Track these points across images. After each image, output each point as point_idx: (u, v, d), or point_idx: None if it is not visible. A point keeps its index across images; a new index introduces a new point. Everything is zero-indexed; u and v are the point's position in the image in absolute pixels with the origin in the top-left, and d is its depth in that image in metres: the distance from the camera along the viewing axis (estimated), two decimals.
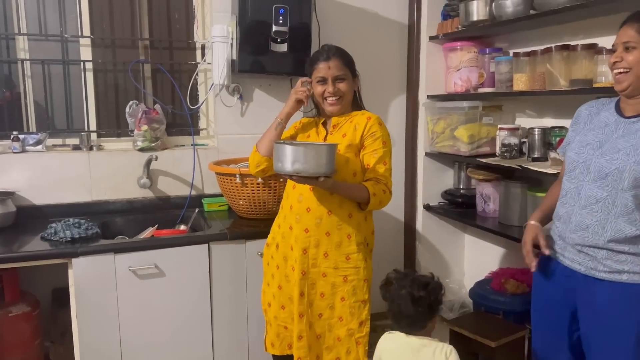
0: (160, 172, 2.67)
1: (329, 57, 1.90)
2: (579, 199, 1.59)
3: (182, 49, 2.81)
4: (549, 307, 1.72)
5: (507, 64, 2.62)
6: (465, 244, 3.31)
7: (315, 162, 1.69)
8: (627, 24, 1.51)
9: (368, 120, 1.92)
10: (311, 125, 2.04)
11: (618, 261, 1.50)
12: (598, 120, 1.63)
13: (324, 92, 1.91)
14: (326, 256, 1.89)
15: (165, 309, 2.17)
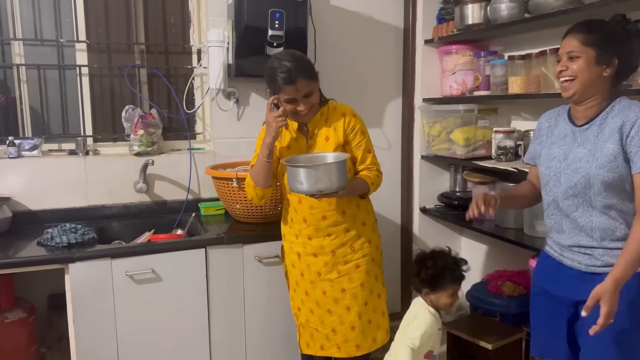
0: (156, 177, 2.66)
1: (294, 80, 1.82)
2: (560, 209, 1.67)
3: (178, 54, 2.81)
4: (543, 303, 1.76)
5: (502, 67, 2.64)
6: (461, 247, 3.32)
7: (337, 177, 1.76)
8: (571, 34, 1.59)
9: (344, 118, 1.97)
10: (286, 134, 2.01)
11: (614, 256, 1.56)
12: (558, 132, 1.71)
13: (294, 109, 1.88)
14: (353, 249, 1.98)
15: (162, 314, 2.17)
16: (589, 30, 1.56)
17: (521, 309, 2.48)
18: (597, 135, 1.58)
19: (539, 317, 1.81)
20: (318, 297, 2.00)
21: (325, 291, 2.00)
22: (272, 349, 2.38)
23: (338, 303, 1.99)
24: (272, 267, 2.32)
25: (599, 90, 1.58)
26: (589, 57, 1.55)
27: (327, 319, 2.01)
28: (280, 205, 2.41)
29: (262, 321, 2.34)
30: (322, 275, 1.99)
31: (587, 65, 1.55)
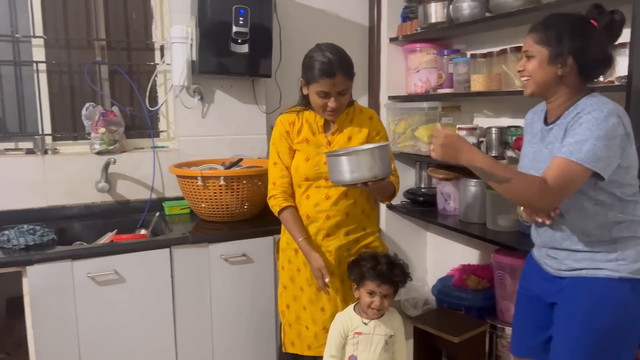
0: (119, 176, 2.60)
1: (334, 74, 1.76)
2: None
3: (140, 50, 2.76)
4: (526, 303, 1.77)
5: (464, 65, 2.69)
6: (427, 242, 3.37)
7: (380, 164, 1.70)
8: (529, 32, 1.57)
9: (371, 121, 1.97)
10: (305, 129, 1.93)
11: (576, 260, 1.56)
12: (534, 130, 1.69)
13: (324, 105, 1.82)
14: (349, 252, 1.96)
15: (126, 316, 2.12)
16: (543, 28, 1.53)
17: (485, 302, 2.54)
18: (556, 135, 1.55)
19: (518, 315, 1.83)
20: (312, 295, 1.97)
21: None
22: (240, 349, 2.36)
23: (331, 302, 1.97)
24: (239, 267, 2.30)
25: (559, 88, 1.55)
26: (542, 57, 1.52)
27: (320, 317, 1.97)
28: (247, 203, 2.40)
29: (230, 321, 2.32)
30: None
31: (540, 65, 1.52)
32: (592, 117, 1.44)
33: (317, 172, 1.90)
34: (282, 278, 2.06)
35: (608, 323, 1.51)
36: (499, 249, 2.47)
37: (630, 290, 1.51)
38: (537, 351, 1.74)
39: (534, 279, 1.73)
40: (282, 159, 1.95)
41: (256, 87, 2.81)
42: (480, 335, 2.39)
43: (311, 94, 1.85)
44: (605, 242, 1.53)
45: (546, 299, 1.67)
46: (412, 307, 3.21)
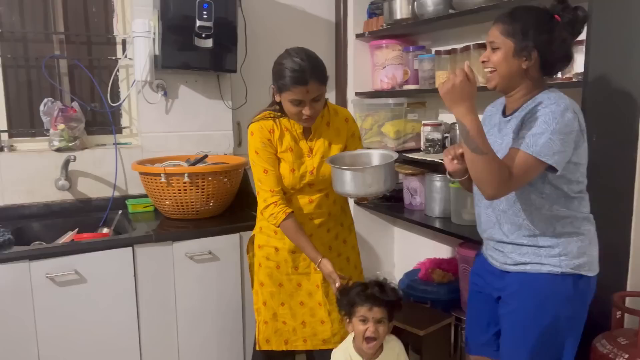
0: (80, 173, 2.54)
1: (307, 81, 1.70)
2: (481, 199, 1.67)
3: (101, 44, 2.69)
4: (476, 299, 1.81)
5: (429, 62, 2.71)
6: (395, 237, 3.40)
7: (384, 179, 1.72)
8: (494, 24, 1.55)
9: (347, 123, 1.96)
10: (287, 136, 1.89)
11: (521, 254, 1.59)
12: (492, 122, 1.71)
13: (299, 113, 1.77)
14: (330, 249, 1.97)
15: (87, 317, 2.07)
16: (510, 20, 1.51)
17: (450, 295, 2.58)
18: (512, 126, 1.58)
19: (470, 313, 1.86)
20: (293, 290, 1.97)
21: (301, 284, 1.97)
22: (206, 348, 2.33)
23: (312, 297, 1.97)
24: (205, 264, 2.27)
25: (522, 82, 1.55)
26: (508, 49, 1.51)
27: (299, 311, 1.97)
28: (212, 200, 2.37)
29: (195, 320, 2.29)
30: (300, 270, 1.96)
31: (505, 58, 1.51)
32: (550, 110, 1.46)
33: (301, 181, 1.89)
34: (258, 275, 2.04)
35: (551, 318, 1.55)
36: (463, 242, 2.51)
37: (572, 285, 1.55)
38: (489, 347, 1.77)
39: (482, 274, 1.76)
40: (275, 165, 1.87)
41: (221, 82, 2.78)
42: (445, 328, 2.43)
43: (284, 102, 1.79)
44: (549, 237, 1.56)
45: (493, 294, 1.70)
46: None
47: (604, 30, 1.82)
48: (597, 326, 1.97)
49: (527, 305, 1.57)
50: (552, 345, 1.58)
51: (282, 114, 1.88)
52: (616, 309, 1.92)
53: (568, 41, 1.53)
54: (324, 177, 1.90)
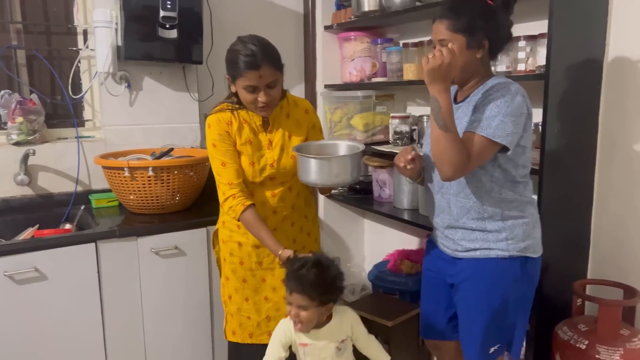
0: (40, 168, 2.46)
1: (259, 65, 1.68)
2: (433, 185, 1.73)
3: (61, 34, 2.60)
4: (430, 284, 1.86)
5: (397, 54, 2.72)
6: (365, 229, 3.42)
7: (351, 170, 1.71)
8: (439, 20, 1.57)
9: (307, 115, 1.94)
10: (245, 130, 1.85)
11: (470, 240, 1.65)
12: None
13: (254, 100, 1.75)
14: (295, 242, 1.96)
15: (49, 316, 2.02)
16: (455, 15, 1.54)
17: (418, 285, 2.55)
18: (464, 111, 1.62)
19: (424, 298, 1.90)
20: (257, 284, 1.95)
21: (265, 279, 1.95)
22: (173, 344, 2.30)
23: (276, 291, 1.95)
24: (171, 260, 2.24)
25: (476, 70, 1.61)
26: (460, 44, 1.54)
27: (263, 306, 1.96)
28: (179, 195, 2.33)
29: (162, 316, 2.26)
30: (264, 265, 1.94)
31: (460, 52, 1.54)
32: (501, 94, 1.52)
33: (262, 174, 1.87)
34: (224, 269, 2.03)
35: (501, 300, 1.63)
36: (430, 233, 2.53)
37: (519, 267, 1.63)
38: (446, 331, 1.84)
39: (434, 261, 1.81)
40: (233, 158, 1.83)
41: (187, 74, 2.73)
42: (413, 319, 2.45)
43: (239, 90, 1.77)
44: (497, 220, 1.62)
45: (447, 280, 1.76)
46: (350, 293, 3.25)
47: (566, 22, 1.85)
48: (559, 313, 2.03)
49: (479, 289, 1.64)
50: (504, 326, 1.66)
51: (240, 105, 1.85)
52: (577, 296, 1.97)
53: (508, 22, 1.61)
54: (285, 169, 1.88)
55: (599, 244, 2.10)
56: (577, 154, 2.00)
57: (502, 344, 1.68)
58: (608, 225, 2.07)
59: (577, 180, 2.04)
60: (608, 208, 2.06)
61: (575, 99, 1.95)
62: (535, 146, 2.08)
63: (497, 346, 1.67)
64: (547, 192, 1.90)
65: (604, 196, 2.06)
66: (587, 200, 2.09)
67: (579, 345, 1.83)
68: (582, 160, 2.04)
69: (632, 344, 1.79)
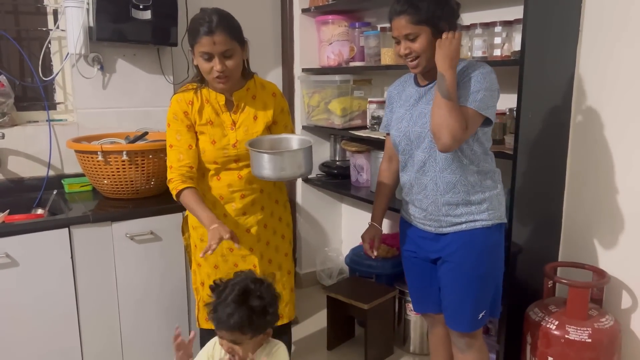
0: (9, 152, 2.40)
1: (213, 31, 1.68)
2: (413, 165, 1.76)
3: (30, 14, 2.52)
4: (413, 264, 1.90)
5: (375, 39, 2.71)
6: (342, 213, 3.43)
7: (303, 164, 1.72)
8: (398, 16, 1.61)
9: (275, 98, 1.92)
10: (208, 108, 1.84)
11: (455, 215, 1.71)
12: (405, 96, 1.80)
13: (211, 70, 1.73)
14: (266, 227, 1.95)
15: (21, 302, 1.98)
16: (414, 9, 1.58)
17: (394, 269, 2.64)
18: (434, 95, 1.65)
19: (410, 278, 1.95)
20: (229, 270, 1.91)
21: (237, 264, 1.94)
22: (149, 330, 2.29)
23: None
24: (146, 245, 2.21)
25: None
26: (427, 34, 1.60)
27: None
28: (154, 179, 2.30)
29: (138, 302, 2.24)
30: (235, 251, 1.92)
31: (429, 43, 1.60)
32: (479, 72, 1.61)
33: (225, 155, 1.84)
34: (195, 256, 2.01)
35: (487, 266, 1.73)
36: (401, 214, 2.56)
37: (498, 233, 1.75)
38: (434, 304, 1.89)
39: (414, 240, 1.85)
40: (181, 140, 1.83)
41: (162, 56, 2.67)
42: (389, 301, 2.49)
43: (197, 60, 1.76)
44: (478, 192, 1.70)
45: (430, 256, 1.81)
46: (327, 277, 3.28)
47: (540, 9, 1.86)
48: (531, 296, 2.08)
49: (467, 259, 1.72)
50: (490, 290, 1.76)
51: (203, 84, 1.85)
52: (548, 279, 2.02)
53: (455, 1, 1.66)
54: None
55: (570, 228, 2.15)
56: (550, 139, 2.04)
57: (487, 310, 1.77)
58: (579, 209, 2.11)
59: (550, 165, 2.07)
60: (579, 192, 2.11)
61: (549, 84, 1.98)
62: (509, 131, 2.11)
63: (484, 312, 1.76)
64: (521, 176, 1.94)
65: (576, 181, 2.11)
66: (559, 185, 2.13)
67: (549, 325, 1.88)
68: (555, 145, 2.08)
69: (600, 324, 1.85)
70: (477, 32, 2.17)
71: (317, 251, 3.36)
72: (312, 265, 3.35)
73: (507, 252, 1.91)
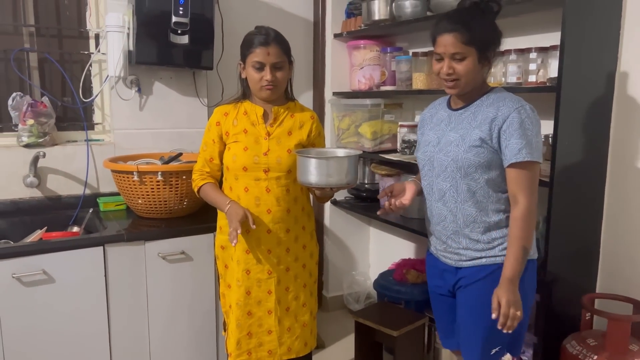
0: (49, 170, 2.47)
1: (269, 42, 1.81)
2: (433, 193, 1.71)
3: (73, 38, 2.62)
4: (438, 299, 1.84)
5: (406, 63, 2.72)
6: (370, 237, 3.41)
7: (347, 172, 1.74)
8: (449, 33, 1.54)
9: (313, 121, 1.97)
10: (243, 120, 1.91)
11: (476, 250, 1.65)
12: (437, 119, 1.75)
13: (260, 79, 1.83)
14: (288, 251, 1.93)
15: (56, 318, 2.02)
16: (467, 28, 1.53)
17: (424, 295, 2.59)
18: (470, 120, 1.61)
19: (436, 313, 1.89)
20: (240, 298, 1.90)
21: (250, 292, 1.91)
22: (178, 351, 2.30)
23: (260, 305, 1.91)
24: (178, 265, 2.23)
25: (479, 80, 1.62)
26: (473, 58, 1.54)
27: (245, 322, 1.92)
28: (187, 199, 2.33)
29: (168, 321, 2.25)
30: (251, 274, 1.90)
31: (474, 65, 1.55)
32: (526, 116, 1.54)
33: (255, 162, 1.86)
34: (224, 278, 2.02)
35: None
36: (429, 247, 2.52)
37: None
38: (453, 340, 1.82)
39: (439, 274, 1.78)
40: (206, 151, 1.97)
41: (197, 79, 2.74)
42: (419, 329, 2.44)
43: (248, 71, 1.85)
44: (502, 228, 1.63)
45: (450, 290, 1.75)
46: (355, 301, 3.24)
47: (579, 34, 1.85)
48: (567, 327, 2.01)
49: (481, 293, 1.62)
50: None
51: (245, 97, 1.94)
52: (585, 310, 1.96)
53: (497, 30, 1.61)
54: (280, 163, 1.86)
55: (608, 258, 2.09)
56: (587, 167, 2.00)
57: (503, 346, 1.68)
58: (618, 239, 2.05)
59: (587, 193, 2.03)
60: (618, 222, 2.05)
61: (586, 111, 1.95)
62: (545, 158, 2.08)
63: (499, 348, 1.67)
64: (557, 204, 1.90)
65: (614, 210, 2.06)
66: (597, 214, 2.08)
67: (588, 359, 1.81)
68: (593, 174, 2.03)
69: None
70: (512, 58, 2.16)
71: (344, 274, 3.33)
72: (339, 289, 3.32)
73: (542, 282, 1.86)
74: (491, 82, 2.18)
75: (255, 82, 1.85)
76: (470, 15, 1.56)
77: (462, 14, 1.58)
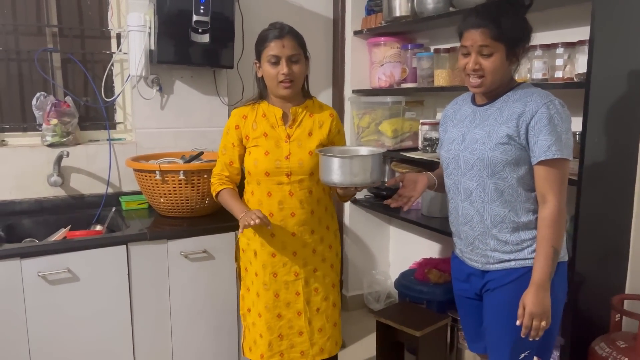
0: (72, 169, 2.49)
1: (283, 35, 1.80)
2: (458, 192, 1.66)
3: (95, 38, 2.64)
4: (464, 303, 1.80)
5: (428, 60, 2.69)
6: (390, 236, 3.39)
7: (371, 170, 1.71)
8: (476, 28, 1.50)
9: (332, 119, 1.94)
10: (262, 123, 1.88)
11: (504, 252, 1.60)
12: (460, 115, 1.70)
13: (277, 74, 1.80)
14: (314, 252, 1.92)
15: (80, 316, 2.04)
16: (495, 24, 1.48)
17: (446, 295, 2.56)
18: (496, 117, 1.57)
19: (462, 317, 1.86)
20: (268, 301, 1.90)
21: (279, 294, 1.90)
22: (200, 349, 2.30)
23: (290, 307, 1.90)
24: (200, 263, 2.24)
25: (505, 78, 1.57)
26: (502, 53, 1.50)
27: (275, 324, 1.91)
28: (208, 198, 2.33)
29: (190, 320, 2.26)
30: (278, 277, 1.89)
31: (501, 62, 1.51)
32: (555, 112, 1.49)
33: (277, 166, 1.84)
34: (244, 280, 2.01)
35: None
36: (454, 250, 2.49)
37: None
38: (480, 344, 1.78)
39: (464, 278, 1.74)
40: (225, 154, 1.95)
41: (217, 78, 2.74)
42: (441, 329, 2.41)
43: (264, 68, 1.83)
44: (531, 229, 1.57)
45: (477, 292, 1.71)
46: (375, 301, 3.22)
47: (607, 30, 1.80)
48: (595, 329, 1.97)
49: (511, 296, 1.57)
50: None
51: (262, 98, 1.92)
52: (615, 311, 1.92)
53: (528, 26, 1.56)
54: (302, 166, 1.84)
55: (638, 258, 2.04)
56: (617, 165, 1.95)
57: (532, 350, 1.63)
58: None
59: (616, 191, 1.98)
60: None
61: (615, 108, 1.90)
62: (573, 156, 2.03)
63: (527, 352, 1.62)
64: (586, 203, 1.86)
65: None
66: (627, 213, 2.03)
67: None
68: (622, 172, 1.98)
69: None
70: (537, 54, 2.11)
71: (364, 274, 3.31)
72: (359, 288, 3.30)
73: (570, 283, 1.82)
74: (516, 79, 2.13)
75: (272, 78, 1.82)
76: (500, 10, 1.52)
77: (491, 9, 1.53)
